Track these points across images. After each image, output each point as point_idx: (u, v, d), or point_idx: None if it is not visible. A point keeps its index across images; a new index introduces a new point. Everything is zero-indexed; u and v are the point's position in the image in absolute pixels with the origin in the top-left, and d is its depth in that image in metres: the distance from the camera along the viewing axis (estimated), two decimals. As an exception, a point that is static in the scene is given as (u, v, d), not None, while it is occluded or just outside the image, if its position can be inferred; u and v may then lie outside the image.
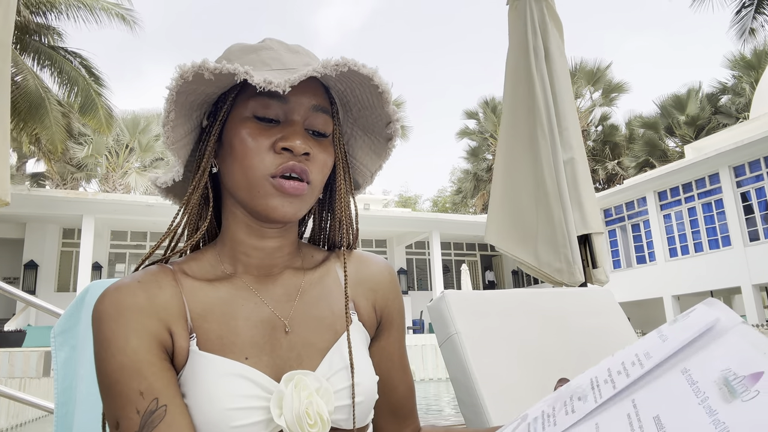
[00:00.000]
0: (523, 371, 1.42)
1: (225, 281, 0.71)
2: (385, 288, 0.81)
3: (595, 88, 27.33)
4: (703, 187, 17.39)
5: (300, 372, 0.65)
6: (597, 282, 2.35)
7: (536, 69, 2.36)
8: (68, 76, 14.36)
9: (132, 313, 0.63)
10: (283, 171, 0.66)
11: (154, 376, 0.61)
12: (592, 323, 1.62)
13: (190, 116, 0.71)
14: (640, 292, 18.62)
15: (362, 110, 0.76)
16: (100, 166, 25.18)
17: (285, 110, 0.69)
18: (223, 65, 0.62)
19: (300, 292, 0.73)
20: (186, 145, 0.73)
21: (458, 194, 35.68)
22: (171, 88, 0.64)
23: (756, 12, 15.33)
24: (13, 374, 8.65)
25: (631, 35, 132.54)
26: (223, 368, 0.63)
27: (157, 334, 0.64)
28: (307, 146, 0.67)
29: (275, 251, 0.74)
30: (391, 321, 0.81)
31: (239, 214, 0.72)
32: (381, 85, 0.68)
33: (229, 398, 0.61)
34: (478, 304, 1.51)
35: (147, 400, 0.59)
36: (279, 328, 0.69)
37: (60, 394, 1.08)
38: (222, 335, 0.66)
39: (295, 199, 0.68)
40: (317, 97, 0.71)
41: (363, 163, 0.82)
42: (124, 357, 0.61)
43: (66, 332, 1.11)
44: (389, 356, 0.81)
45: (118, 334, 0.62)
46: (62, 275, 17.43)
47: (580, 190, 2.31)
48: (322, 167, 0.71)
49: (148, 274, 0.68)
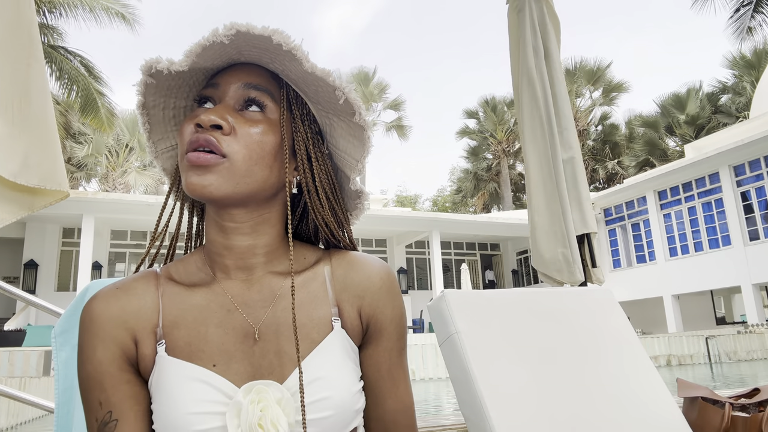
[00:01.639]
0: (523, 371, 1.42)
1: (203, 287, 0.71)
2: (373, 294, 0.75)
3: (595, 87, 27.34)
4: (703, 186, 17.38)
5: (261, 382, 0.64)
6: (596, 281, 2.35)
7: (536, 69, 2.37)
8: (68, 76, 14.37)
9: (101, 324, 0.66)
10: (189, 145, 0.66)
11: (112, 389, 0.65)
12: (591, 322, 1.62)
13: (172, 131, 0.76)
14: (640, 291, 18.61)
15: (306, 86, 0.71)
16: (100, 165, 25.18)
17: (218, 95, 0.69)
18: (147, 60, 0.67)
19: (277, 297, 0.71)
20: (170, 158, 0.79)
21: (458, 194, 35.70)
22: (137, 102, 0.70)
23: (754, 11, 15.32)
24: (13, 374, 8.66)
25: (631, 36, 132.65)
26: (187, 373, 0.64)
27: (122, 345, 0.66)
28: (218, 119, 0.65)
29: (246, 251, 0.71)
30: (380, 329, 0.76)
31: (211, 213, 0.72)
32: (284, 43, 0.63)
33: (191, 403, 0.62)
34: (478, 304, 1.51)
35: (104, 411, 0.65)
36: (251, 336, 0.68)
37: (60, 393, 1.08)
38: (191, 342, 0.67)
39: (205, 170, 0.64)
40: (250, 77, 0.70)
41: (348, 153, 0.78)
42: (90, 367, 0.66)
43: (66, 332, 1.11)
44: (376, 367, 0.76)
45: (87, 344, 0.66)
46: (62, 275, 17.43)
47: (580, 190, 2.31)
48: (246, 140, 0.66)
49: (130, 281, 0.71)
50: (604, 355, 1.55)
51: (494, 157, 31.83)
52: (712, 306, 19.59)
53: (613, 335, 1.61)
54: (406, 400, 0.78)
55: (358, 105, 0.71)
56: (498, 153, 31.24)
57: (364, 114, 0.73)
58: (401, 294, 0.79)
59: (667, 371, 11.69)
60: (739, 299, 18.05)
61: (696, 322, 18.82)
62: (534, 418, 1.33)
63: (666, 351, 13.22)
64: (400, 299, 0.78)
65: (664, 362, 13.05)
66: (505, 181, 30.99)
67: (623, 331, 1.64)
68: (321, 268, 0.76)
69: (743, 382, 9.30)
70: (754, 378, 10.22)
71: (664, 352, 13.20)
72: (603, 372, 1.51)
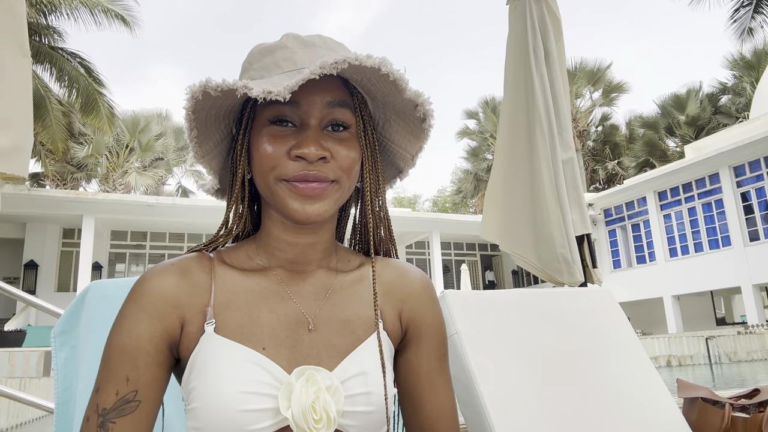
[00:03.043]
0: (523, 371, 1.42)
1: (258, 273, 0.73)
2: (414, 300, 0.78)
3: (595, 88, 27.33)
4: (703, 187, 17.38)
5: (312, 367, 0.66)
6: (596, 282, 2.35)
7: (536, 69, 2.37)
8: (69, 76, 14.37)
9: (152, 299, 0.67)
10: (297, 179, 0.67)
11: (144, 368, 0.65)
12: (591, 323, 1.62)
13: (217, 127, 0.73)
14: (640, 292, 18.61)
15: (386, 97, 0.73)
16: (100, 165, 25.18)
17: (299, 114, 0.69)
18: (224, 82, 0.63)
19: (329, 292, 0.74)
20: (217, 156, 0.76)
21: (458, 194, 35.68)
22: (186, 108, 0.66)
23: (755, 11, 15.32)
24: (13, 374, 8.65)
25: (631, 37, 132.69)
26: (238, 353, 0.65)
27: (167, 324, 0.67)
28: (321, 150, 0.66)
29: (309, 248, 0.74)
30: (419, 335, 0.77)
31: (274, 213, 0.73)
32: (391, 74, 0.66)
33: (241, 382, 0.63)
34: (478, 304, 1.51)
35: (129, 388, 0.64)
36: (303, 324, 0.70)
37: (60, 394, 1.08)
38: (242, 324, 0.68)
39: (316, 198, 0.67)
40: (332, 93, 0.69)
41: (402, 147, 0.79)
42: (128, 339, 0.65)
43: (66, 332, 1.11)
44: (415, 372, 0.77)
45: (131, 316, 0.66)
46: (62, 275, 17.43)
47: (579, 191, 2.31)
48: (345, 162, 0.69)
49: (186, 259, 0.72)
50: (604, 355, 1.55)
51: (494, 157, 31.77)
52: (712, 306, 19.58)
53: (613, 336, 1.61)
54: (446, 406, 0.77)
55: (432, 113, 0.73)
56: (498, 153, 31.17)
57: (433, 121, 0.74)
58: (438, 301, 0.81)
59: (667, 372, 11.69)
60: (739, 300, 18.04)
61: (696, 322, 18.81)
62: (534, 419, 1.33)
63: (666, 351, 13.21)
64: (439, 307, 0.81)
65: (664, 363, 13.04)
66: (505, 181, 30.92)
67: (623, 331, 1.64)
68: (366, 271, 0.78)
69: (743, 382, 9.30)
70: (754, 379, 10.21)
71: (664, 352, 13.20)
72: (603, 372, 1.51)
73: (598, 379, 1.49)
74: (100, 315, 1.11)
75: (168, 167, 28.45)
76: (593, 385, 1.47)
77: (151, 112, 27.26)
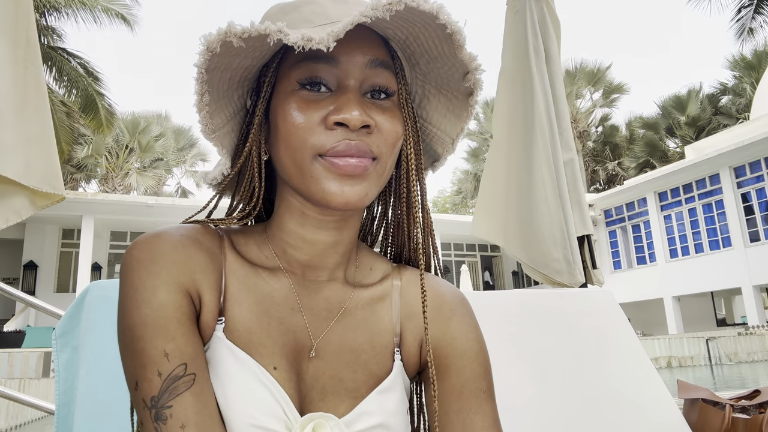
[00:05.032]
0: (523, 372, 1.42)
1: (268, 271, 0.61)
2: (440, 323, 0.65)
3: (595, 88, 27.34)
4: (703, 187, 17.38)
5: (322, 415, 0.55)
6: (597, 282, 2.35)
7: (536, 69, 2.36)
8: (68, 77, 14.38)
9: (165, 265, 0.55)
10: (336, 153, 0.54)
11: (183, 338, 0.53)
12: (592, 324, 1.62)
13: (230, 97, 0.60)
14: (641, 292, 18.61)
15: (431, 62, 0.61)
16: (100, 166, 25.20)
17: (336, 74, 0.56)
18: (253, 26, 0.51)
19: (343, 311, 0.62)
20: (230, 132, 0.62)
21: (458, 195, 35.68)
22: (199, 64, 0.53)
23: (755, 12, 15.34)
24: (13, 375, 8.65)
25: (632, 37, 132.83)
26: (249, 370, 0.55)
27: (187, 294, 0.55)
28: (366, 117, 0.54)
29: (328, 248, 0.62)
30: (447, 365, 0.63)
31: (294, 202, 0.60)
32: (449, 25, 0.54)
33: (254, 411, 0.53)
34: (478, 305, 1.50)
35: (173, 364, 0.51)
36: (307, 348, 0.59)
37: (61, 395, 1.08)
38: (252, 330, 0.57)
39: (357, 179, 0.55)
40: (374, 50, 0.58)
41: (441, 128, 0.67)
42: (149, 310, 0.53)
43: (67, 334, 1.11)
44: (443, 409, 0.62)
45: (146, 284, 0.54)
46: (62, 276, 17.43)
47: (580, 191, 2.31)
48: (390, 138, 0.57)
49: (194, 230, 0.60)
50: (604, 356, 1.55)
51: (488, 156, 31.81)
52: (712, 307, 19.57)
53: (613, 337, 1.61)
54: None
55: (480, 84, 0.61)
56: (498, 154, 31.24)
57: (479, 96, 0.63)
58: (477, 324, 0.68)
59: (668, 373, 11.68)
60: (739, 301, 18.04)
61: (696, 323, 18.80)
62: (534, 420, 1.33)
63: (666, 352, 13.21)
64: (478, 332, 0.66)
65: (665, 364, 13.04)
66: (505, 182, 30.99)
67: (623, 332, 1.64)
68: (388, 286, 0.65)
69: (744, 383, 9.29)
70: (755, 379, 10.21)
71: (665, 353, 13.19)
72: (603, 373, 1.50)
73: (599, 381, 1.49)
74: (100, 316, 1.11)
75: (168, 168, 28.47)
76: (593, 387, 1.46)
77: (151, 113, 27.30)
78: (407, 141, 0.60)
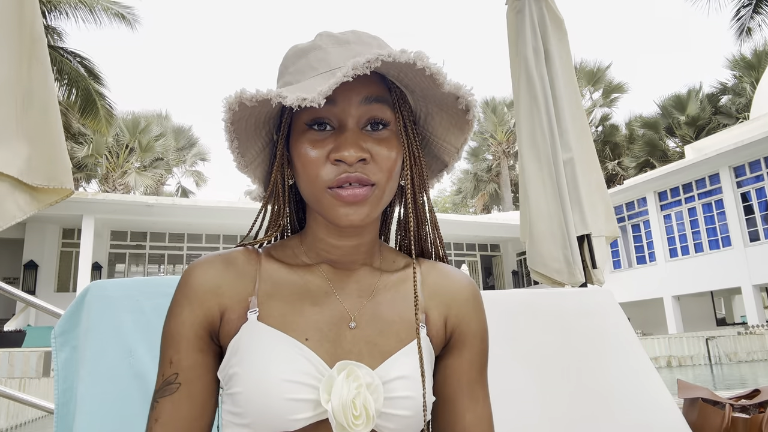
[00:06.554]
0: (523, 371, 1.42)
1: (303, 268, 0.73)
2: (461, 304, 0.76)
3: (595, 88, 27.35)
4: (703, 187, 17.39)
5: (354, 363, 0.65)
6: (597, 282, 2.35)
7: (536, 70, 2.36)
8: (68, 76, 14.37)
9: (195, 288, 0.70)
10: (339, 183, 0.66)
11: (185, 353, 0.68)
12: (592, 324, 1.62)
13: (258, 135, 0.72)
14: (641, 292, 18.61)
15: (425, 91, 0.71)
16: (100, 166, 25.20)
17: (336, 113, 0.67)
18: (258, 93, 0.63)
19: (374, 291, 0.73)
20: (261, 164, 0.76)
21: (458, 194, 35.70)
22: (225, 120, 0.66)
23: (754, 11, 15.33)
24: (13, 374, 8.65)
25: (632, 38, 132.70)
26: (281, 341, 0.65)
27: (208, 313, 0.69)
28: (360, 152, 0.65)
29: (353, 249, 0.74)
30: (463, 341, 0.76)
31: (319, 217, 0.73)
32: (428, 68, 0.63)
33: (286, 371, 0.63)
34: (478, 305, 1.50)
35: (171, 371, 0.67)
36: (345, 321, 0.70)
37: (61, 394, 1.08)
38: (285, 313, 0.68)
39: (358, 205, 0.66)
40: (368, 88, 0.68)
41: (446, 140, 0.77)
42: (173, 324, 0.69)
43: (67, 333, 1.11)
44: (456, 378, 0.75)
45: (178, 303, 0.70)
46: (62, 275, 17.42)
47: (580, 191, 2.31)
48: (386, 164, 0.68)
49: (232, 251, 0.74)
50: (604, 355, 1.55)
51: (494, 157, 31.83)
52: (712, 307, 19.58)
53: (613, 336, 1.61)
54: (485, 419, 0.75)
55: (475, 103, 0.70)
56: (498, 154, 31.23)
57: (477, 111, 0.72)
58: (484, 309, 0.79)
59: (668, 372, 11.69)
60: (739, 300, 18.04)
61: (696, 323, 18.81)
62: (534, 419, 1.33)
63: (666, 352, 13.22)
64: (485, 316, 0.79)
65: (665, 363, 13.04)
66: (505, 181, 30.99)
67: (623, 332, 1.64)
68: (411, 272, 0.77)
69: (743, 383, 9.30)
70: (755, 379, 10.21)
71: (665, 353, 13.20)
72: (603, 373, 1.50)
73: (598, 380, 1.49)
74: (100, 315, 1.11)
75: (168, 167, 28.47)
76: (593, 386, 1.47)
77: (151, 113, 27.29)
78: (407, 160, 0.71)
